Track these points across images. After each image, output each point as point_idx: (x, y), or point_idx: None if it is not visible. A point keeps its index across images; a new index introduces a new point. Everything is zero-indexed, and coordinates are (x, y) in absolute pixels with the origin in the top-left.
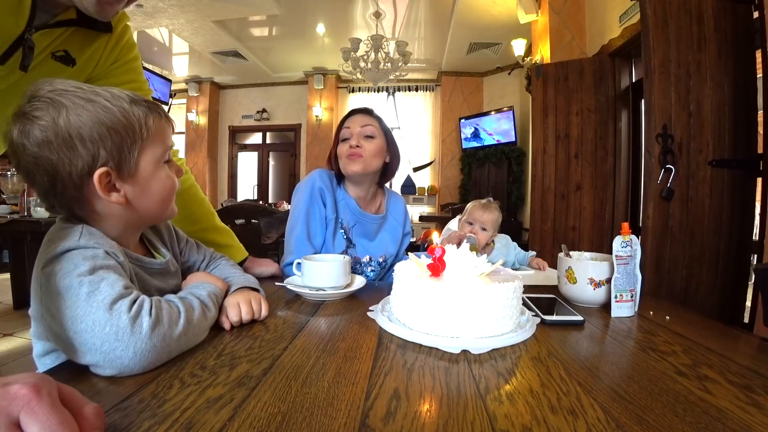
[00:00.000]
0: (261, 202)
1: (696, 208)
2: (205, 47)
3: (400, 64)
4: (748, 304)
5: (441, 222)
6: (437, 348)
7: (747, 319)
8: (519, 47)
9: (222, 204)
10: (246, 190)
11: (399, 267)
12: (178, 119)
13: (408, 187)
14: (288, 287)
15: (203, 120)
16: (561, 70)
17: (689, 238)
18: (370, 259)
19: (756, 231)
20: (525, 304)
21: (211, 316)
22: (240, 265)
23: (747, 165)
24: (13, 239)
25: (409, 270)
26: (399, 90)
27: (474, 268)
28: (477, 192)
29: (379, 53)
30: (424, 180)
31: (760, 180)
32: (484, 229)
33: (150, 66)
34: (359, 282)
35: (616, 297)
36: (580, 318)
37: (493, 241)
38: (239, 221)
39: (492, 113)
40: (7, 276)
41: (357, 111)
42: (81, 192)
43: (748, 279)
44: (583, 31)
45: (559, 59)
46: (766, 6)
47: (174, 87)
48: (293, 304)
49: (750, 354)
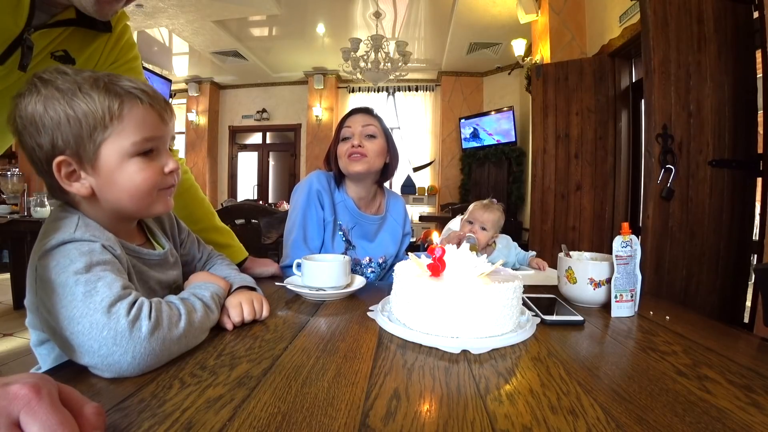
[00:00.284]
0: (261, 202)
1: (696, 208)
2: (205, 47)
3: (400, 64)
4: (748, 304)
5: (441, 222)
6: (437, 348)
7: (747, 319)
8: (519, 47)
9: (222, 204)
10: (246, 190)
11: (399, 267)
12: (178, 119)
13: (408, 187)
14: (288, 287)
15: (203, 120)
16: (561, 70)
17: (689, 238)
18: (370, 261)
19: (756, 231)
20: (525, 304)
21: (214, 317)
22: (240, 265)
23: (747, 165)
24: (13, 239)
25: (409, 270)
26: (399, 90)
27: (474, 268)
28: (477, 192)
29: (379, 53)
30: (424, 180)
31: (760, 180)
32: (484, 229)
33: (150, 66)
34: (359, 282)
35: (616, 297)
36: (580, 318)
37: (495, 242)
38: (239, 221)
39: (492, 113)
40: (7, 276)
41: (357, 110)
42: (53, 178)
43: (748, 279)
44: (583, 31)
45: (559, 59)
46: (766, 6)
47: (174, 87)
48: (293, 304)
49: (750, 354)
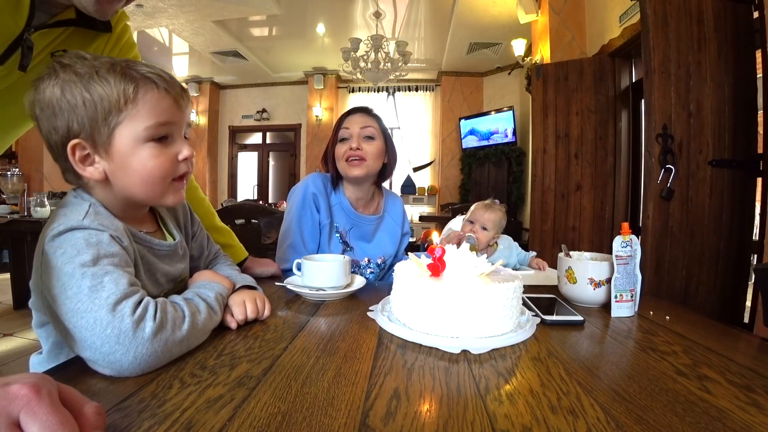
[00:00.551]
0: (261, 202)
1: (696, 208)
2: (205, 47)
3: (400, 64)
4: (748, 304)
5: (441, 222)
6: (437, 348)
7: (747, 319)
8: (519, 47)
9: (222, 204)
10: (246, 190)
11: (399, 267)
12: None
13: (408, 187)
14: (288, 287)
15: (203, 120)
16: (561, 70)
17: (689, 238)
18: (369, 261)
19: (756, 231)
20: (525, 304)
21: (217, 319)
22: (240, 265)
23: (747, 165)
24: (13, 239)
25: (409, 270)
26: (399, 90)
27: (474, 268)
28: (477, 192)
29: (379, 53)
30: (424, 180)
31: (760, 180)
32: (484, 229)
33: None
34: (359, 282)
35: (616, 297)
36: (580, 318)
37: (497, 242)
38: (239, 221)
39: (492, 113)
40: (7, 276)
41: (356, 110)
42: (67, 161)
43: (748, 279)
44: (583, 31)
45: (559, 59)
46: (766, 6)
47: None
48: (293, 304)
49: (750, 354)
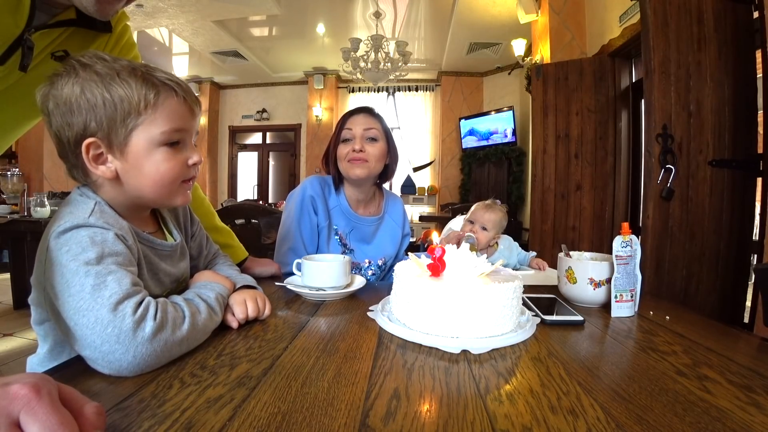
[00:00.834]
0: (261, 202)
1: (696, 208)
2: (205, 47)
3: (400, 64)
4: (748, 304)
5: (441, 222)
6: (437, 348)
7: (747, 319)
8: (519, 47)
9: (222, 204)
10: (246, 190)
11: (399, 267)
12: None
13: (408, 187)
14: (288, 287)
15: (203, 120)
16: (561, 70)
17: (689, 238)
18: (369, 263)
19: (756, 231)
20: (525, 304)
21: (217, 319)
22: (240, 265)
23: (747, 165)
24: (13, 239)
25: (409, 270)
26: (399, 90)
27: (474, 268)
28: (477, 192)
29: (379, 53)
30: (424, 180)
31: (760, 180)
32: (484, 229)
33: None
34: (359, 282)
35: (616, 297)
36: (580, 318)
37: (497, 243)
38: (239, 221)
39: (492, 113)
40: (7, 276)
41: (359, 110)
42: (78, 159)
43: (748, 279)
44: (583, 31)
45: (559, 59)
46: (766, 6)
47: None
48: (293, 304)
49: (750, 354)
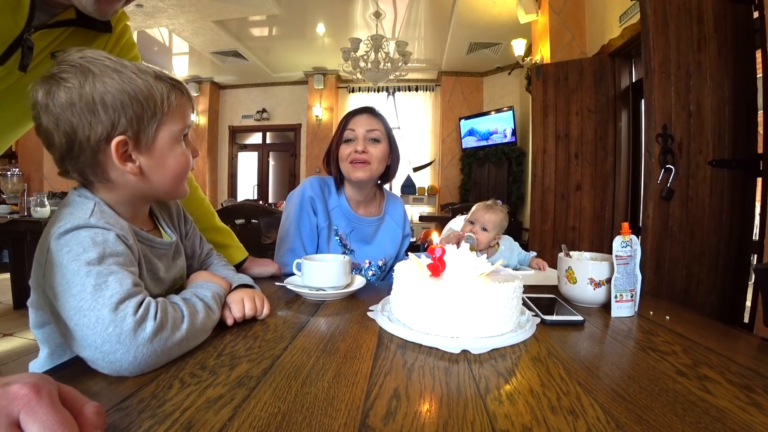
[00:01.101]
0: (261, 202)
1: (696, 208)
2: (205, 47)
3: (400, 64)
4: (748, 304)
5: (441, 222)
6: (437, 348)
7: (747, 319)
8: (519, 47)
9: (222, 204)
10: (246, 190)
11: (399, 267)
12: None
13: (408, 187)
14: (288, 287)
15: (203, 120)
16: (561, 70)
17: (689, 238)
18: (369, 264)
19: (756, 231)
20: (525, 304)
21: (215, 318)
22: (240, 265)
23: (747, 165)
24: (13, 239)
25: (409, 270)
26: (399, 90)
27: (474, 268)
28: (477, 192)
29: (379, 53)
30: (424, 180)
31: (760, 180)
32: (485, 230)
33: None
34: (359, 282)
35: (616, 297)
36: (580, 318)
37: (498, 243)
38: (239, 221)
39: (492, 113)
40: (7, 276)
41: (362, 111)
42: (96, 158)
43: (748, 279)
44: (583, 31)
45: (559, 59)
46: (766, 6)
47: None
48: (293, 304)
49: (750, 354)
